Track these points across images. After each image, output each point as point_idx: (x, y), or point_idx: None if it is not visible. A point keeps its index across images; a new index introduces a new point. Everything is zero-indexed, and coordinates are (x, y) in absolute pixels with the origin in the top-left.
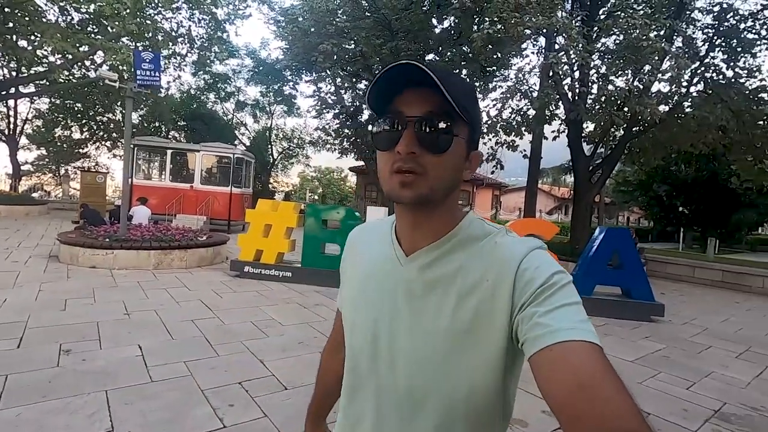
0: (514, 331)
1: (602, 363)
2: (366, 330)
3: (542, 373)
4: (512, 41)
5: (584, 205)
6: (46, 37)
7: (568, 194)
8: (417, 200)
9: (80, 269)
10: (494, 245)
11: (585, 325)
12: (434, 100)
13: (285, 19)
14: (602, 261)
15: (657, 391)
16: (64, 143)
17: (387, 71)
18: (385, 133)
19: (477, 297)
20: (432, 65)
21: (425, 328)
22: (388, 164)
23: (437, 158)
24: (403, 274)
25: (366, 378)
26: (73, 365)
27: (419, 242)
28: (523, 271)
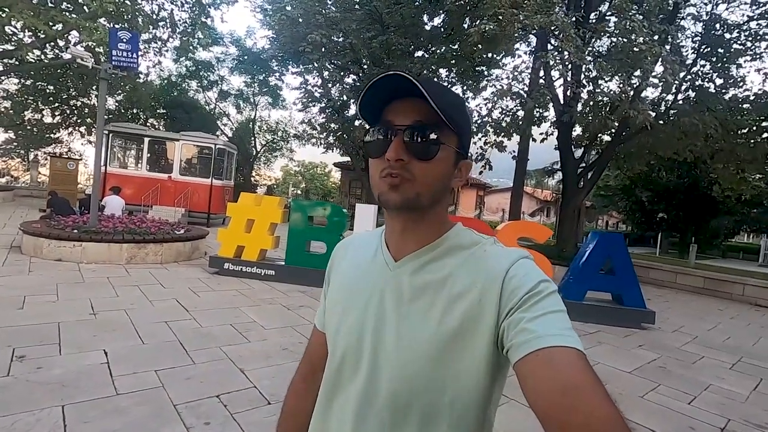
0: (500, 337)
1: (587, 370)
2: (351, 334)
3: (527, 378)
4: (507, 39)
5: (572, 208)
6: (14, 11)
7: (550, 197)
8: (404, 204)
9: (44, 262)
10: (483, 253)
11: (570, 332)
12: (422, 109)
13: (272, 7)
14: (595, 267)
15: (660, 406)
16: (35, 127)
17: (376, 81)
18: (376, 142)
19: (465, 303)
20: (421, 77)
21: (411, 334)
22: (378, 170)
23: (425, 165)
24: (391, 279)
25: (348, 382)
26: (27, 374)
27: (407, 247)
28: (510, 278)
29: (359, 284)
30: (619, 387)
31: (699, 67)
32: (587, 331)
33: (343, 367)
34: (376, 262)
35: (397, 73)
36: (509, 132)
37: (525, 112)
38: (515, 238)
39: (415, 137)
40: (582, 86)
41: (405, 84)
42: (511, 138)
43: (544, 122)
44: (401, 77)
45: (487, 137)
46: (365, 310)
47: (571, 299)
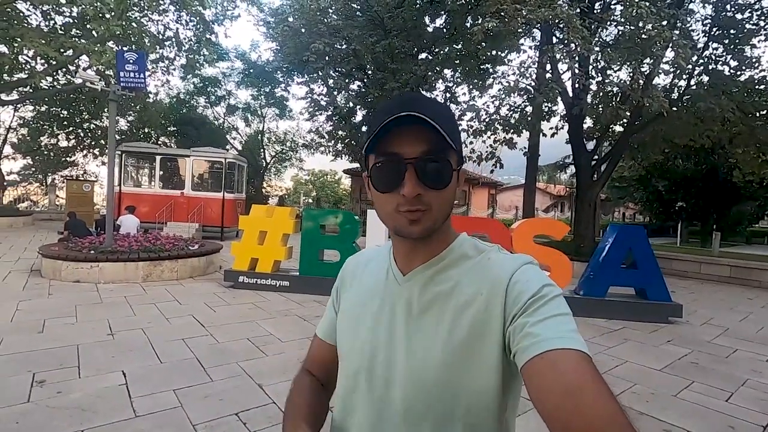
0: (507, 343)
1: (591, 371)
2: (363, 350)
3: (532, 381)
4: (511, 35)
5: (587, 202)
6: (26, 40)
7: (564, 192)
8: (424, 234)
9: (63, 284)
10: (488, 261)
11: (574, 334)
12: (427, 136)
13: (275, 20)
14: (616, 261)
15: (695, 404)
16: (51, 152)
17: (388, 123)
18: (385, 176)
19: (472, 312)
20: (420, 101)
21: (423, 346)
22: (392, 204)
23: (440, 193)
24: (400, 293)
25: (363, 398)
26: (47, 399)
27: (415, 261)
28: (514, 283)
29: (370, 300)
30: (650, 386)
31: (711, 50)
32: (611, 328)
33: (357, 383)
34: (386, 277)
35: (410, 114)
36: (518, 128)
37: (533, 108)
38: (531, 236)
39: (429, 168)
40: (591, 77)
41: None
42: (520, 134)
43: (553, 116)
44: (413, 117)
45: (497, 135)
46: (377, 326)
47: (592, 295)
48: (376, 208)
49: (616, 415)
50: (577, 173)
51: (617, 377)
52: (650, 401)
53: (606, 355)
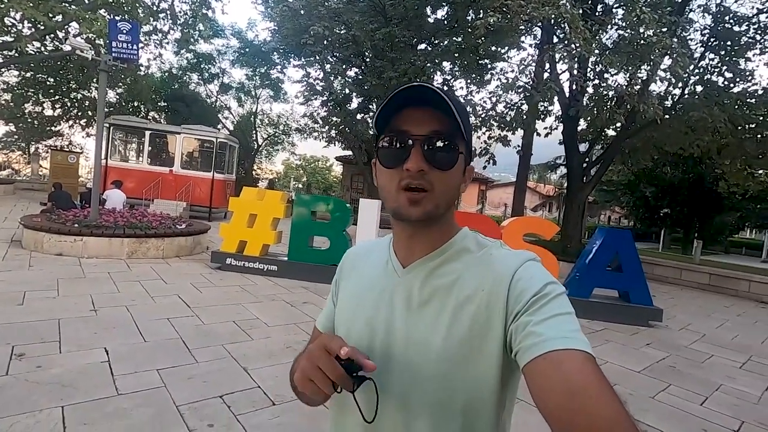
0: (509, 341)
1: (595, 372)
2: (361, 339)
3: (535, 381)
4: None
5: (577, 203)
6: (12, 2)
7: (553, 192)
8: (424, 217)
9: (45, 257)
10: (490, 257)
11: (578, 334)
12: (438, 118)
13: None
14: (602, 263)
15: (671, 407)
16: (35, 119)
17: (399, 92)
18: (392, 151)
19: (473, 307)
20: (436, 87)
21: (421, 339)
22: (395, 181)
23: (444, 175)
24: (400, 285)
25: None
26: (26, 373)
27: (415, 253)
28: (517, 281)
29: (369, 291)
30: (630, 387)
31: (708, 60)
32: (594, 329)
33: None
34: (386, 269)
35: (423, 85)
36: (513, 126)
37: (530, 106)
38: (521, 234)
39: (435, 147)
40: (588, 80)
41: (422, 94)
42: (515, 132)
43: (549, 116)
44: (427, 88)
45: (491, 131)
46: (375, 316)
47: (577, 296)
48: (380, 187)
49: (619, 417)
50: (568, 174)
51: None
52: (629, 402)
53: None
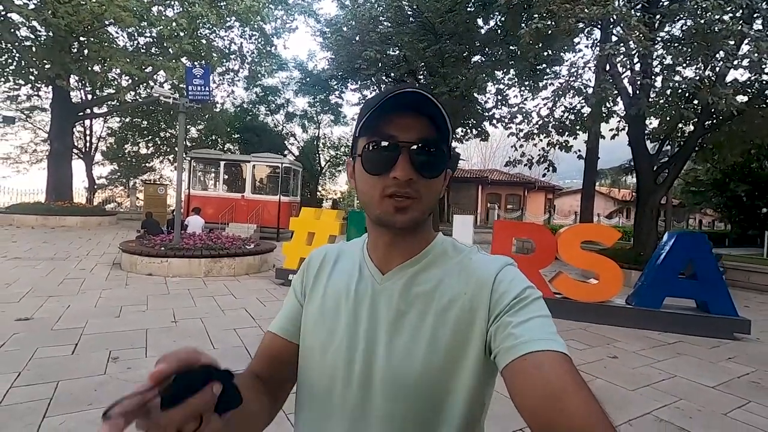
0: (488, 342)
1: (573, 373)
2: (340, 352)
3: (515, 382)
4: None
5: (649, 208)
6: (114, 61)
7: (629, 196)
8: (410, 224)
9: (138, 276)
10: (470, 261)
11: (555, 336)
12: (425, 125)
13: (330, 30)
14: (673, 270)
15: (745, 424)
16: (133, 158)
17: (390, 97)
18: (377, 157)
19: (455, 312)
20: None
21: (405, 348)
22: (378, 188)
23: (429, 182)
24: (380, 293)
25: (338, 404)
26: (119, 373)
27: (394, 260)
28: (499, 283)
29: (345, 299)
30: (698, 403)
31: None
32: (665, 341)
33: (333, 387)
34: (362, 276)
35: (414, 91)
36: (574, 130)
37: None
38: (578, 242)
39: (423, 155)
40: (653, 76)
41: (408, 99)
42: (576, 137)
43: (613, 117)
44: (418, 94)
45: (550, 138)
46: (355, 327)
47: (645, 306)
48: (361, 192)
49: (597, 417)
50: (637, 177)
51: (660, 391)
52: (694, 417)
53: (653, 368)
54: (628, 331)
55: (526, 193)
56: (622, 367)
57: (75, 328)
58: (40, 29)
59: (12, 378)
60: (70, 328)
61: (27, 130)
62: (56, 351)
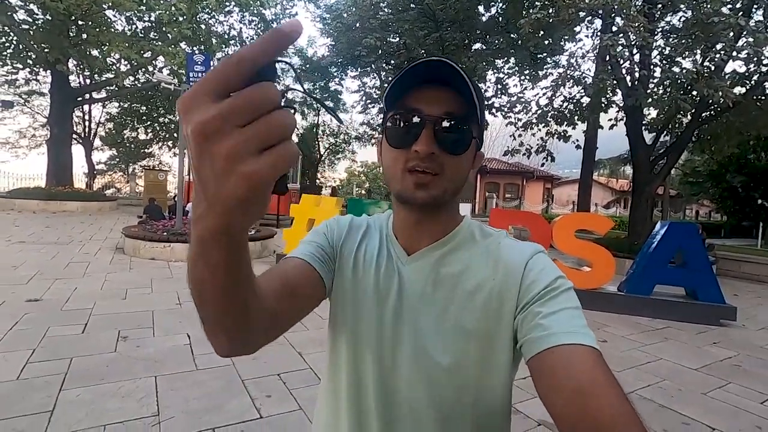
0: (515, 330)
1: (603, 369)
2: (368, 331)
3: (542, 376)
4: (563, 25)
5: (645, 197)
6: (113, 45)
7: (627, 186)
8: (430, 202)
9: (141, 261)
10: (498, 246)
11: (585, 329)
12: (452, 99)
13: (330, 16)
14: (664, 258)
15: (725, 404)
16: (132, 144)
17: (416, 66)
18: (400, 130)
19: (483, 296)
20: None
21: (431, 329)
22: (401, 162)
23: (454, 159)
24: (406, 273)
25: (371, 373)
26: (128, 351)
27: (421, 241)
28: (529, 271)
29: (373, 275)
30: (680, 383)
31: None
32: (654, 327)
33: (361, 365)
34: (387, 256)
35: (441, 60)
36: (573, 120)
37: (591, 98)
38: (572, 230)
39: (448, 129)
40: (651, 67)
41: (438, 71)
42: (575, 127)
43: (611, 108)
44: (445, 64)
45: (549, 127)
46: (382, 306)
47: (636, 293)
48: (385, 168)
49: (627, 415)
50: (634, 167)
51: (645, 372)
52: (675, 396)
53: (640, 351)
54: (619, 317)
55: (524, 182)
56: (611, 351)
57: (84, 309)
58: (37, 12)
59: (27, 354)
60: (79, 308)
61: (25, 114)
62: (67, 330)
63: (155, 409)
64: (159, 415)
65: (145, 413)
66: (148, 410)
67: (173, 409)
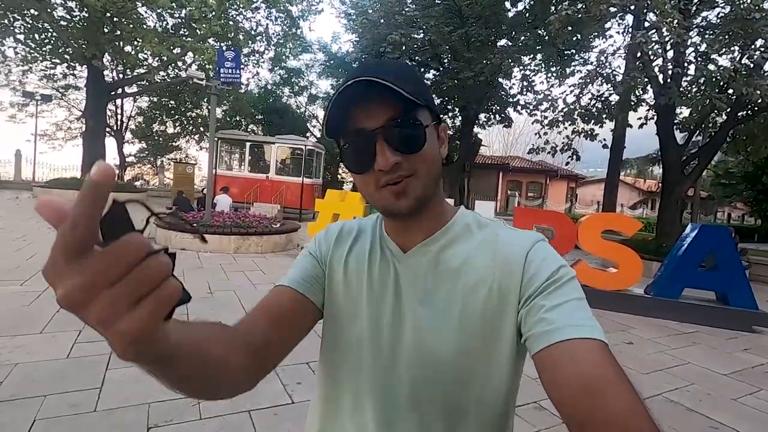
0: (519, 324)
1: (611, 364)
2: (368, 318)
3: (548, 373)
4: (594, 21)
5: (674, 199)
6: (145, 42)
7: (655, 187)
8: (416, 205)
9: (172, 251)
10: (496, 237)
11: (591, 321)
12: (389, 101)
13: (355, 12)
14: (693, 261)
15: (755, 410)
16: (160, 137)
17: (343, 90)
18: (357, 155)
19: (484, 290)
20: (379, 67)
21: (432, 326)
22: (371, 184)
23: (420, 155)
24: (403, 271)
25: (367, 370)
26: None
27: (415, 237)
28: (530, 262)
29: (366, 277)
30: (709, 388)
31: None
32: (682, 330)
33: (360, 352)
34: (382, 253)
35: (365, 79)
36: (600, 119)
37: (620, 96)
38: (599, 231)
39: (399, 134)
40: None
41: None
42: (603, 125)
43: (641, 106)
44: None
45: (575, 125)
46: (380, 305)
47: (663, 296)
48: (360, 191)
49: (637, 411)
50: (663, 167)
51: (672, 375)
52: (703, 400)
53: (667, 355)
54: (645, 320)
55: (547, 181)
56: (637, 353)
57: None
58: (75, 9)
59: (74, 335)
60: None
61: (62, 107)
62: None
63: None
64: (197, 403)
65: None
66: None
67: None
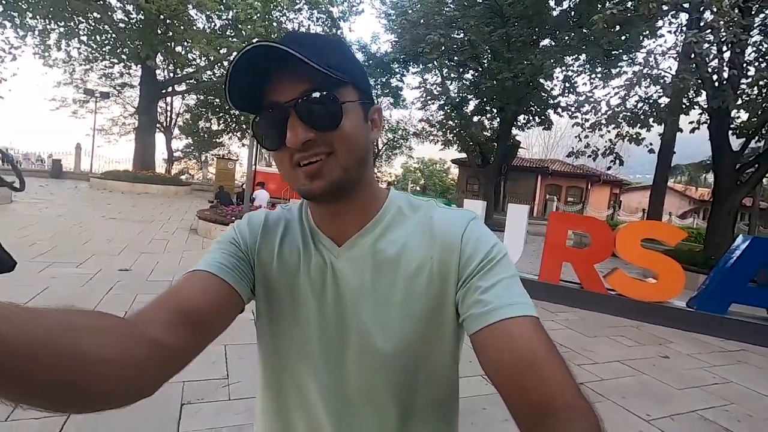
0: (456, 305)
1: (544, 340)
2: (310, 330)
3: (485, 351)
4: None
5: (726, 208)
6: (195, 42)
7: (708, 196)
8: (332, 187)
9: (213, 241)
10: (431, 220)
11: (523, 298)
12: (305, 74)
13: (395, 12)
14: (743, 275)
15: None
16: (206, 134)
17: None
18: (269, 131)
19: (424, 277)
20: (291, 37)
21: (375, 321)
22: (287, 161)
23: (336, 134)
24: (339, 265)
25: (310, 378)
26: None
27: (348, 229)
28: (466, 244)
29: (302, 272)
30: (750, 409)
31: None
32: (726, 348)
33: (300, 364)
34: (315, 247)
35: (262, 44)
36: (647, 122)
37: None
38: (638, 239)
39: (311, 108)
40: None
41: (276, 55)
42: (650, 129)
43: (693, 109)
44: (269, 47)
45: (620, 129)
46: (321, 305)
47: (708, 311)
48: (279, 171)
49: (571, 385)
50: (716, 175)
51: (710, 393)
52: (743, 421)
53: (706, 372)
54: (686, 335)
55: (589, 186)
56: (673, 367)
57: (165, 281)
58: (132, 13)
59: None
60: (161, 280)
61: (117, 104)
62: (152, 298)
63: (225, 373)
64: (228, 378)
65: (216, 375)
66: (219, 373)
67: (240, 374)
